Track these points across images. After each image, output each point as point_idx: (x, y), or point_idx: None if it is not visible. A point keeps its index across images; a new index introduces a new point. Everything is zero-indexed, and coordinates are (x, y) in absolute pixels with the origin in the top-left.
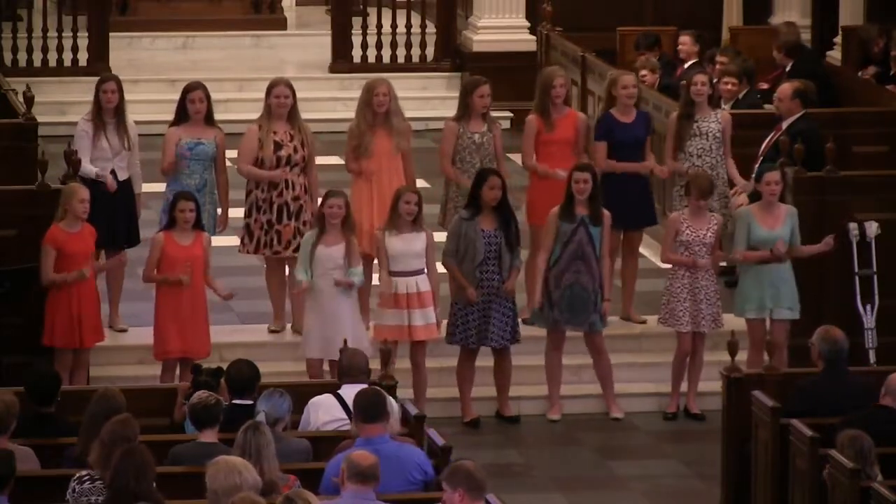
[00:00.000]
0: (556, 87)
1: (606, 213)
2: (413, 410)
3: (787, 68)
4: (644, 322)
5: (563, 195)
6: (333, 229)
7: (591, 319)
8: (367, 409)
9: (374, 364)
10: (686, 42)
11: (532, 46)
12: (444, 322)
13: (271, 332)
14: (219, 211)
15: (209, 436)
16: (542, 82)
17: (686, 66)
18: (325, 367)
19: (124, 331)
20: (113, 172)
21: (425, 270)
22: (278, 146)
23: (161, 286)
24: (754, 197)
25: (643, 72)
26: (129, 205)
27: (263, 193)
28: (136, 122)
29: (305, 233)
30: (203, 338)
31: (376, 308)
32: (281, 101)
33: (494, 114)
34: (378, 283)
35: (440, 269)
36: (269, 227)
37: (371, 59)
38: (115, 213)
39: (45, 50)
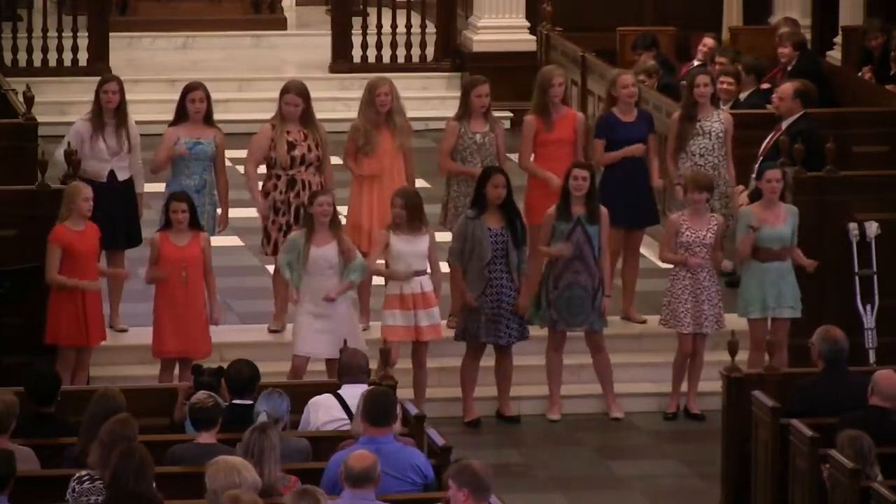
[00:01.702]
0: (554, 87)
1: (604, 209)
2: (413, 410)
3: (789, 67)
4: (644, 322)
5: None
6: (322, 228)
7: (591, 319)
8: (378, 414)
9: (374, 363)
10: (713, 46)
11: (532, 46)
12: (444, 321)
13: (271, 331)
14: (219, 211)
15: (207, 437)
16: (541, 82)
17: (689, 66)
18: (309, 366)
19: (124, 331)
20: (112, 173)
21: (428, 271)
22: (291, 146)
23: (160, 285)
24: (755, 196)
25: (641, 76)
26: (129, 205)
27: (282, 195)
28: (137, 122)
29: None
30: (202, 338)
31: (382, 310)
32: (290, 109)
33: (494, 114)
34: (382, 282)
35: (444, 268)
36: (287, 228)
37: (371, 59)
38: (115, 214)
39: (45, 50)
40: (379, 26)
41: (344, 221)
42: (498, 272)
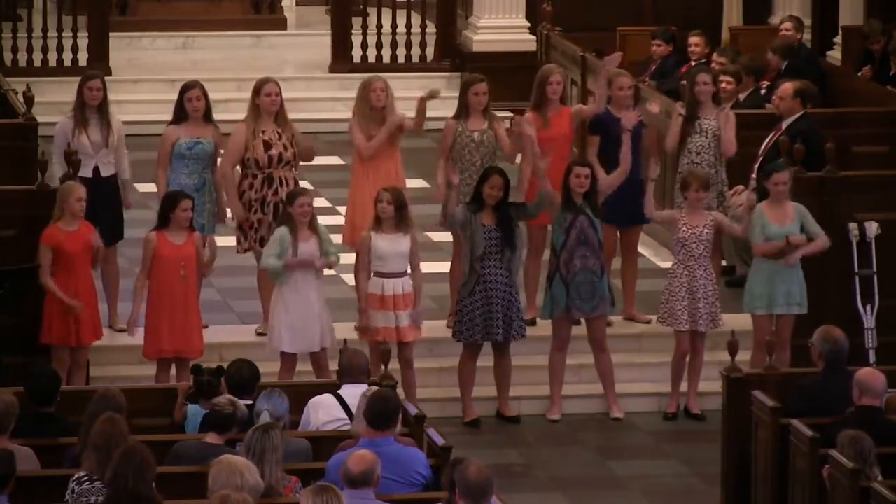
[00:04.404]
0: (552, 84)
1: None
2: (413, 410)
3: (782, 68)
4: (648, 322)
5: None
6: (303, 226)
7: (596, 303)
8: (381, 418)
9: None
10: (700, 43)
11: (532, 46)
12: (444, 321)
13: (259, 334)
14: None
15: (214, 438)
16: (540, 77)
17: (688, 66)
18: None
19: (124, 331)
20: (97, 169)
21: (409, 272)
22: (268, 145)
23: (157, 284)
24: (761, 196)
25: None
26: (114, 201)
27: (257, 193)
28: (136, 122)
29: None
30: (196, 337)
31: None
32: (273, 100)
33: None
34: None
35: (426, 269)
36: (259, 225)
37: (371, 59)
38: (99, 210)
39: (45, 50)
40: (379, 26)
41: (343, 221)
42: (491, 268)
